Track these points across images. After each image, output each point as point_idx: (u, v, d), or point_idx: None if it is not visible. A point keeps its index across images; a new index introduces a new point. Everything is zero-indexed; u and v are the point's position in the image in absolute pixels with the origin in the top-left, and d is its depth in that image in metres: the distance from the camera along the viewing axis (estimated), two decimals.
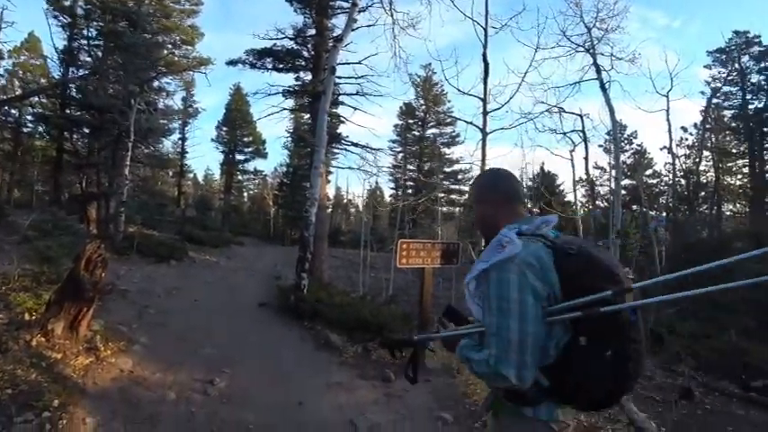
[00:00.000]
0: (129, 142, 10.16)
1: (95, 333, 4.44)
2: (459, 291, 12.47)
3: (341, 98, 10.39)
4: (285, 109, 10.95)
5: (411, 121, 31.40)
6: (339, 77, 9.12)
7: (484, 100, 6.04)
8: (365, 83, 9.74)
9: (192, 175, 38.78)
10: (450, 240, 6.01)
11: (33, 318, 4.18)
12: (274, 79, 12.04)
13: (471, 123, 6.14)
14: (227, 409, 3.32)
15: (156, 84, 14.80)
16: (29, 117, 13.05)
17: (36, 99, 12.59)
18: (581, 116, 9.19)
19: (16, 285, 5.17)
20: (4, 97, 11.99)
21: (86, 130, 12.71)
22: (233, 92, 30.95)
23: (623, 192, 18.62)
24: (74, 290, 3.97)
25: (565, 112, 9.19)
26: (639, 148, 25.87)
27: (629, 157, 25.00)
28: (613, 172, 14.77)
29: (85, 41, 12.96)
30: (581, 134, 10.56)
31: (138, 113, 10.91)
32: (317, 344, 5.09)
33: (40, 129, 13.31)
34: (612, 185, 15.89)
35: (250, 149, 31.84)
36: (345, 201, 42.70)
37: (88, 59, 12.75)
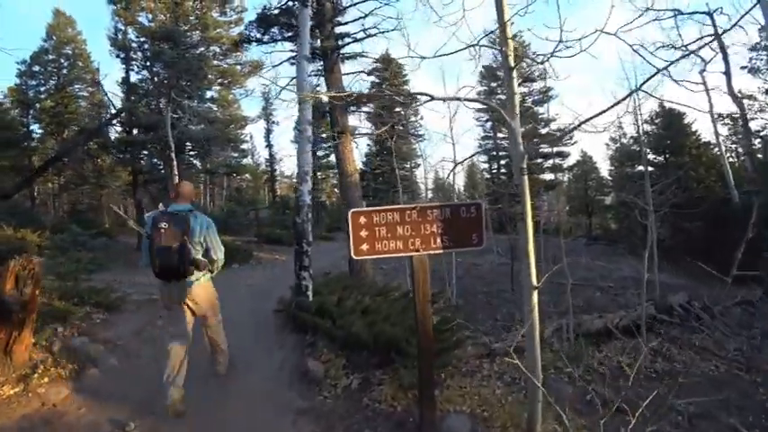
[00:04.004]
0: (172, 153, 10.37)
1: (50, 355, 3.95)
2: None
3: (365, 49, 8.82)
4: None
5: (494, 85, 28.46)
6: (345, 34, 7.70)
7: None
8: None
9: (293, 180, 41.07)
10: (464, 201, 3.38)
11: None
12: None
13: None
14: None
15: (209, 94, 15.37)
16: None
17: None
18: (710, 14, 5.72)
19: None
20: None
21: (144, 151, 13.66)
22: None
23: None
24: None
25: (682, 14, 5.98)
26: None
27: None
28: None
29: (138, 69, 13.86)
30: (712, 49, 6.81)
31: (184, 125, 11.17)
32: (296, 375, 3.73)
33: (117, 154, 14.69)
34: None
35: (328, 144, 32.18)
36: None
37: (142, 84, 13.65)
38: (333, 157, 32.84)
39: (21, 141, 19.78)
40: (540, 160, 28.01)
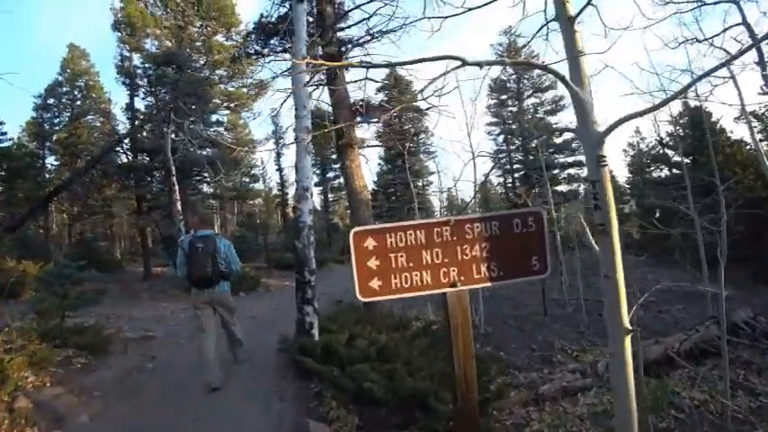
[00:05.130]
0: (173, 177, 9.95)
1: (7, 415, 3.31)
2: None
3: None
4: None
5: (504, 97, 28.02)
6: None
7: None
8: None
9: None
10: (519, 209, 2.33)
11: None
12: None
13: None
14: None
15: (214, 117, 15.16)
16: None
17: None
18: (736, 2, 4.82)
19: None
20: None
21: (148, 176, 13.35)
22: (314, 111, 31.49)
23: None
24: None
25: (706, 4, 5.13)
26: None
27: None
28: None
29: (144, 95, 13.73)
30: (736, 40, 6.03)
31: (186, 149, 10.81)
32: None
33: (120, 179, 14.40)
34: None
35: (338, 165, 31.87)
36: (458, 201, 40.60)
37: (146, 111, 13.49)
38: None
39: (36, 173, 19.87)
40: (555, 171, 27.00)
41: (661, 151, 20.93)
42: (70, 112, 21.93)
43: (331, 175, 32.07)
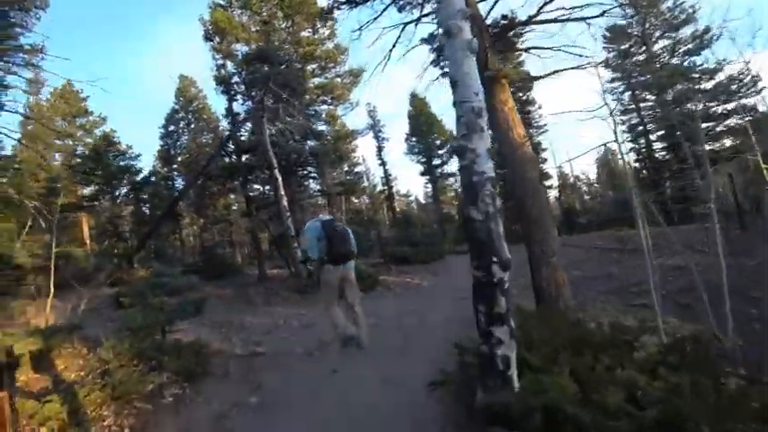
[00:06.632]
0: (275, 171, 9.20)
1: None
2: None
3: None
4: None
5: (626, 45, 23.11)
6: None
7: None
8: None
9: (412, 197, 39.91)
10: None
11: None
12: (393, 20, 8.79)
13: None
14: None
15: (311, 109, 14.58)
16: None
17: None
18: None
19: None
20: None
21: (252, 175, 13.14)
22: (411, 99, 30.23)
23: None
24: None
25: None
26: None
27: None
28: None
29: (242, 100, 13.66)
30: None
31: (286, 142, 10.11)
32: None
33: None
34: None
35: (444, 150, 29.91)
36: (572, 179, 35.98)
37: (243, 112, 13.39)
38: (451, 166, 30.68)
39: (169, 194, 22.04)
40: (710, 124, 20.78)
41: None
42: (188, 134, 24.14)
43: (437, 162, 30.23)
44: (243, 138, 13.64)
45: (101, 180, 18.51)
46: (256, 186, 15.26)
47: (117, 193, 20.13)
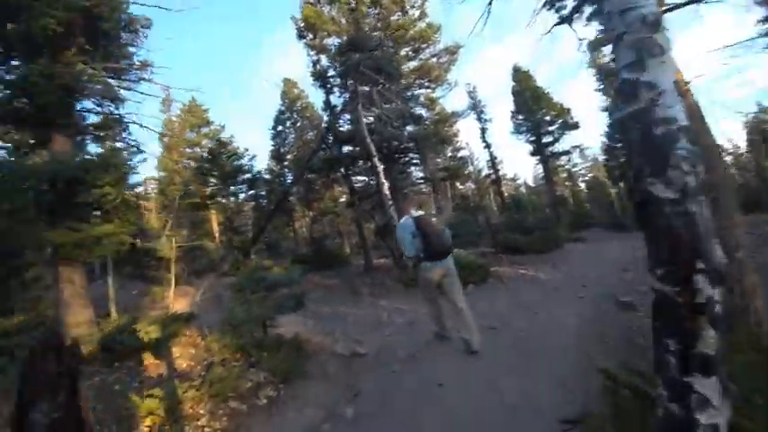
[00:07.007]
0: (374, 159, 8.84)
1: None
2: None
3: None
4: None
5: None
6: None
7: None
8: None
9: (520, 180, 37.46)
10: None
11: None
12: None
13: None
14: None
15: (408, 93, 14.00)
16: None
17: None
18: None
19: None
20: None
21: (353, 166, 13.03)
22: (514, 74, 27.83)
23: None
24: None
25: None
26: None
27: None
28: None
29: (339, 93, 13.71)
30: None
31: (384, 126, 9.72)
32: None
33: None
34: None
35: (555, 126, 26.86)
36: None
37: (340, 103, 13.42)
38: (563, 143, 27.53)
39: (281, 190, 23.87)
40: None
41: None
42: (294, 133, 25.85)
43: (549, 139, 27.27)
44: (342, 129, 13.71)
45: (218, 180, 20.69)
46: (361, 178, 15.31)
47: (235, 191, 22.36)
